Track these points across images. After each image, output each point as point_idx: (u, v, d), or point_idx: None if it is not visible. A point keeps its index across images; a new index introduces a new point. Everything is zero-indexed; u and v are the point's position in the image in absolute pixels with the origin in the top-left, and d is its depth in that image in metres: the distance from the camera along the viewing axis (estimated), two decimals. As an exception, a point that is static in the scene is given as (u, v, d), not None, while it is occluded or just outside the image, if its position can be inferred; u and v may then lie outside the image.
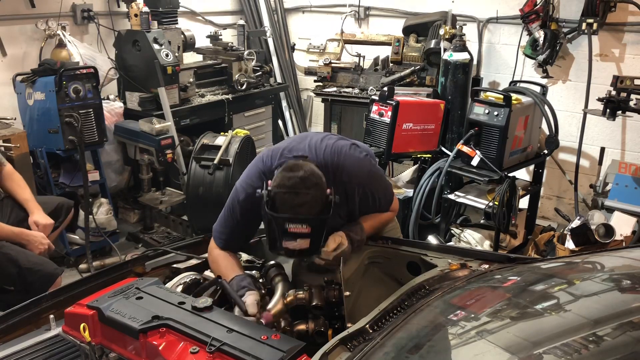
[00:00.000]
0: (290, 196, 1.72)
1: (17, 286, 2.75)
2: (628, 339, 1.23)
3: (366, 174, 2.03)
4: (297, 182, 1.73)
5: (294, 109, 5.77)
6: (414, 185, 3.91)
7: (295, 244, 1.75)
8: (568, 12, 4.24)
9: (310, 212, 1.73)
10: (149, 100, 4.27)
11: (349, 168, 1.97)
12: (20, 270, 2.74)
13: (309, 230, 1.72)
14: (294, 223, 1.72)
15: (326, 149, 1.99)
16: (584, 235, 3.25)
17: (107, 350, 1.57)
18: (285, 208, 1.73)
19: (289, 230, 1.72)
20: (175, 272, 2.14)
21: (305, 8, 5.79)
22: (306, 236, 1.73)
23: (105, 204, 4.03)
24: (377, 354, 1.36)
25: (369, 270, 2.05)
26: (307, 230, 1.72)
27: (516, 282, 1.71)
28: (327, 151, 1.98)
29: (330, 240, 1.91)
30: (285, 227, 1.73)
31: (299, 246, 1.75)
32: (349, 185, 1.98)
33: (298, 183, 1.73)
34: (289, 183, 1.73)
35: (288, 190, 1.73)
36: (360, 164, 2.03)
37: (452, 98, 3.93)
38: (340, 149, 2.00)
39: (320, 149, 1.99)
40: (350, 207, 2.03)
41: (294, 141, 2.06)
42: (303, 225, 1.72)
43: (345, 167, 1.97)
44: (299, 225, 1.72)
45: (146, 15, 4.20)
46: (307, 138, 2.06)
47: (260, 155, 2.08)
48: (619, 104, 3.47)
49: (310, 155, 1.95)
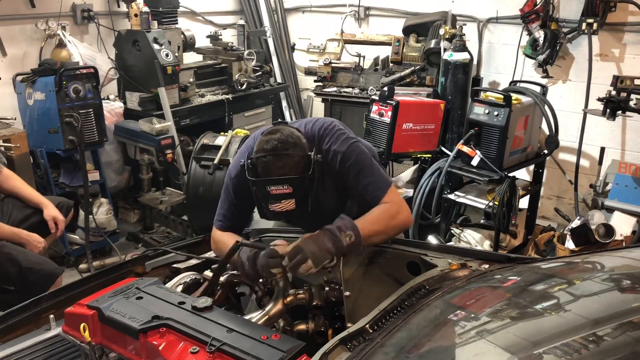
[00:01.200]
0: (269, 158, 1.76)
1: (18, 286, 2.76)
2: (628, 339, 1.23)
3: (349, 143, 2.01)
4: (275, 144, 1.76)
5: (294, 109, 5.77)
6: (414, 185, 3.92)
7: (281, 205, 1.77)
8: (568, 12, 4.25)
9: (292, 171, 1.75)
10: (149, 100, 4.27)
11: (332, 136, 1.99)
12: (20, 270, 2.75)
13: (290, 190, 1.74)
14: (275, 184, 1.74)
15: (316, 123, 2.03)
16: (584, 235, 3.26)
17: (107, 350, 1.56)
18: (267, 171, 1.76)
19: (271, 192, 1.75)
20: (175, 272, 2.13)
21: (305, 8, 5.79)
22: (289, 196, 1.75)
23: (105, 204, 4.03)
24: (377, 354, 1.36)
25: (369, 270, 2.04)
26: (289, 191, 1.74)
27: (516, 282, 1.71)
28: (317, 124, 2.03)
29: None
30: (267, 190, 1.75)
31: (285, 207, 1.78)
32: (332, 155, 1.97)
33: (276, 144, 1.76)
34: (267, 146, 1.77)
35: (267, 153, 1.76)
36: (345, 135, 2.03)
37: (452, 98, 3.94)
38: (330, 124, 2.03)
39: (310, 123, 2.04)
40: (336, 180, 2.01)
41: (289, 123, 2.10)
42: (284, 186, 1.74)
43: (328, 136, 1.99)
44: (280, 186, 1.74)
45: (146, 15, 4.21)
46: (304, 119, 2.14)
47: (253, 134, 2.11)
48: (619, 104, 3.47)
49: (300, 127, 1.98)
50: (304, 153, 1.80)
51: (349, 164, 1.99)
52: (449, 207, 3.80)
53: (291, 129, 1.87)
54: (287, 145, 1.77)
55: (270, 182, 1.75)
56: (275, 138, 1.78)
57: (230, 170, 2.07)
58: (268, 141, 1.78)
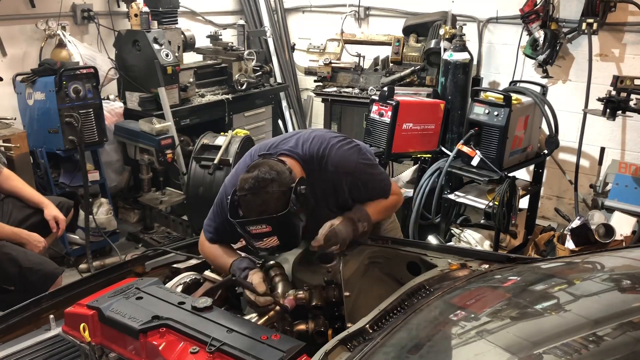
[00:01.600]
0: (249, 197, 1.73)
1: (18, 286, 2.76)
2: (628, 339, 1.23)
3: (353, 163, 2.01)
4: (252, 183, 1.74)
5: (294, 109, 5.77)
6: (414, 185, 3.91)
7: (264, 243, 1.76)
8: (568, 12, 4.24)
9: (272, 209, 1.72)
10: (149, 100, 4.27)
11: (334, 157, 1.97)
12: (21, 270, 2.76)
13: (269, 229, 1.72)
14: (253, 225, 1.73)
15: (313, 141, 1.99)
16: (584, 235, 3.25)
17: (107, 350, 1.57)
18: (248, 210, 1.74)
19: (252, 232, 1.74)
20: (175, 272, 2.14)
21: (305, 8, 5.79)
22: (270, 234, 1.74)
23: (105, 204, 4.03)
24: (377, 354, 1.36)
25: (369, 270, 2.04)
26: (268, 229, 1.72)
27: (516, 282, 1.71)
28: (314, 142, 1.99)
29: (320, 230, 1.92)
30: (248, 229, 1.74)
31: (269, 244, 1.77)
32: (335, 176, 1.97)
33: (253, 184, 1.73)
34: (246, 185, 1.74)
35: (247, 192, 1.74)
36: (346, 153, 2.01)
37: (452, 98, 3.93)
38: (327, 141, 2.00)
39: (307, 141, 1.99)
40: (341, 198, 2.02)
41: (286, 136, 2.07)
42: (262, 225, 1.72)
43: (330, 157, 1.96)
44: (258, 226, 1.72)
45: (146, 15, 4.20)
46: (299, 133, 2.07)
47: (250, 151, 2.10)
48: (619, 104, 3.47)
49: (297, 149, 1.96)
50: (286, 187, 1.76)
51: (360, 182, 2.02)
52: (449, 207, 3.80)
53: (272, 163, 1.81)
54: (265, 182, 1.73)
55: (248, 223, 1.73)
56: (253, 176, 1.74)
57: (227, 188, 2.02)
58: (246, 180, 1.75)
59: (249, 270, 1.86)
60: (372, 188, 2.06)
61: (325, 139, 2.00)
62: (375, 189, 2.08)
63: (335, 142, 2.01)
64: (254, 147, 2.10)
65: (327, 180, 1.96)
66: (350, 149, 2.04)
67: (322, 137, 2.02)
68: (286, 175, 1.79)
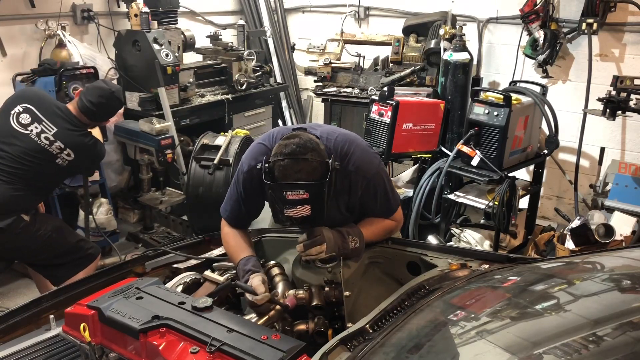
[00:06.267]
0: (287, 162, 1.74)
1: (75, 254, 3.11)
2: (628, 339, 1.23)
3: (374, 167, 2.01)
4: (294, 148, 1.74)
5: (294, 109, 5.77)
6: (414, 185, 3.92)
7: (296, 211, 1.76)
8: (568, 12, 4.25)
9: (310, 177, 1.73)
10: (149, 100, 4.27)
11: (357, 157, 1.96)
12: (79, 240, 3.21)
13: (307, 195, 1.72)
14: (291, 190, 1.72)
15: (338, 137, 1.99)
16: (584, 235, 3.25)
17: (107, 350, 1.57)
18: (284, 175, 1.74)
19: (287, 197, 1.73)
20: (175, 272, 2.14)
21: (305, 8, 5.79)
22: (305, 202, 1.74)
23: (105, 204, 4.03)
24: (377, 354, 1.36)
25: (369, 270, 2.04)
26: (305, 196, 1.72)
27: (516, 282, 1.71)
28: (339, 139, 1.98)
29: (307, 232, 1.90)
30: (284, 194, 1.73)
31: (300, 213, 1.76)
32: (354, 176, 1.97)
33: (294, 149, 1.74)
34: (286, 150, 1.75)
35: (285, 157, 1.74)
36: (370, 156, 2.02)
37: (452, 98, 3.93)
38: (352, 139, 2.01)
39: (332, 136, 1.99)
40: (352, 199, 2.02)
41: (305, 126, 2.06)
42: (300, 192, 1.72)
43: (353, 156, 1.96)
44: (296, 191, 1.72)
45: (146, 15, 4.20)
46: (320, 125, 2.09)
47: (271, 132, 2.08)
48: (619, 104, 3.47)
49: (321, 139, 1.94)
50: (322, 159, 1.78)
51: (374, 189, 2.01)
52: (449, 207, 3.80)
53: (310, 135, 1.84)
54: (305, 149, 1.75)
55: (287, 187, 1.73)
56: (294, 142, 1.76)
57: (243, 165, 2.03)
58: (287, 145, 1.76)
59: (251, 273, 1.86)
60: (382, 199, 2.05)
61: (350, 138, 2.01)
62: (384, 202, 2.06)
63: (359, 143, 2.02)
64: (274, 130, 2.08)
65: (345, 178, 1.95)
66: (372, 153, 2.05)
67: (346, 135, 2.02)
68: (322, 148, 1.81)
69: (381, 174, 2.04)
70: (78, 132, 3.06)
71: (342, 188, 1.96)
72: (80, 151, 3.06)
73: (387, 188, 2.06)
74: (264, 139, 2.06)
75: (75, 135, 3.04)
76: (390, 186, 2.09)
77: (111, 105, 3.19)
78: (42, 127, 2.96)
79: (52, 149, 2.97)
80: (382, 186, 2.03)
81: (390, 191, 2.09)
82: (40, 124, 2.97)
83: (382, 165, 2.08)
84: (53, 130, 2.97)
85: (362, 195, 2.01)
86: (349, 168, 1.95)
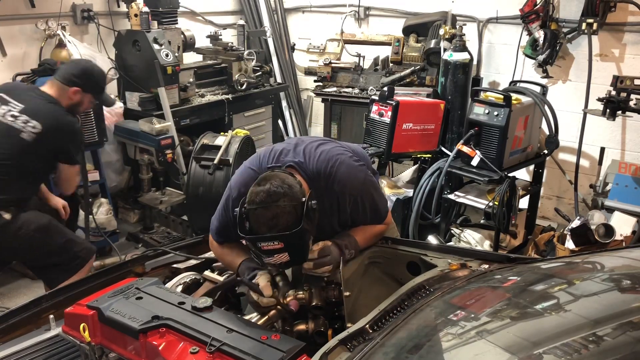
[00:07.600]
0: (259, 211, 1.68)
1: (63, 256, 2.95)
2: (628, 339, 1.23)
3: (360, 183, 1.99)
4: (263, 196, 1.68)
5: (294, 109, 5.77)
6: (414, 185, 3.92)
7: (274, 259, 1.72)
8: (568, 12, 4.25)
9: (283, 224, 1.68)
10: (149, 100, 4.27)
11: (341, 177, 1.93)
12: (66, 241, 3.00)
13: (282, 245, 1.68)
14: (265, 241, 1.68)
15: (320, 156, 1.94)
16: (584, 235, 3.25)
17: (107, 350, 1.57)
18: (257, 224, 1.69)
19: (263, 248, 1.69)
20: (175, 272, 2.14)
21: (305, 8, 5.79)
22: (281, 251, 1.69)
23: (105, 204, 4.03)
24: (377, 354, 1.36)
25: (369, 270, 2.04)
26: (280, 246, 1.68)
27: (516, 282, 1.71)
28: (321, 158, 1.94)
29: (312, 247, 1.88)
30: (259, 245, 1.70)
31: (279, 260, 1.72)
32: (340, 195, 1.95)
33: (264, 197, 1.68)
34: (257, 199, 1.69)
35: (257, 206, 1.68)
36: (354, 173, 1.98)
37: (452, 98, 3.93)
38: (335, 157, 1.96)
39: (315, 156, 1.94)
40: (342, 216, 2.00)
41: (292, 145, 2.02)
42: (274, 242, 1.67)
43: (337, 176, 1.93)
44: (270, 242, 1.68)
45: (146, 15, 4.20)
46: (303, 143, 2.02)
47: (258, 154, 2.05)
48: (619, 104, 3.47)
49: (304, 161, 1.92)
50: (298, 202, 1.70)
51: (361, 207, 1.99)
52: (449, 207, 3.80)
53: (283, 176, 1.76)
54: (277, 196, 1.68)
55: (260, 239, 1.68)
56: (264, 190, 1.69)
57: (232, 190, 1.98)
58: (257, 193, 1.70)
59: (257, 272, 1.85)
60: (371, 211, 2.03)
61: (332, 156, 1.96)
62: (374, 214, 2.04)
63: (343, 160, 1.97)
64: (262, 151, 2.04)
65: (332, 197, 1.93)
66: (357, 167, 2.01)
67: (329, 152, 1.97)
68: (297, 189, 1.74)
69: (368, 188, 2.02)
70: (48, 102, 2.94)
71: (331, 208, 1.95)
72: (48, 120, 2.88)
73: (375, 200, 2.04)
74: (252, 162, 2.02)
75: (43, 104, 2.92)
76: (377, 195, 2.08)
77: (94, 69, 3.16)
78: (8, 108, 2.87)
79: (17, 124, 2.84)
80: (370, 199, 2.02)
81: (379, 201, 2.07)
82: (8, 105, 2.88)
83: (369, 177, 2.05)
84: (19, 107, 2.87)
85: (352, 212, 2.00)
86: (335, 188, 1.93)
